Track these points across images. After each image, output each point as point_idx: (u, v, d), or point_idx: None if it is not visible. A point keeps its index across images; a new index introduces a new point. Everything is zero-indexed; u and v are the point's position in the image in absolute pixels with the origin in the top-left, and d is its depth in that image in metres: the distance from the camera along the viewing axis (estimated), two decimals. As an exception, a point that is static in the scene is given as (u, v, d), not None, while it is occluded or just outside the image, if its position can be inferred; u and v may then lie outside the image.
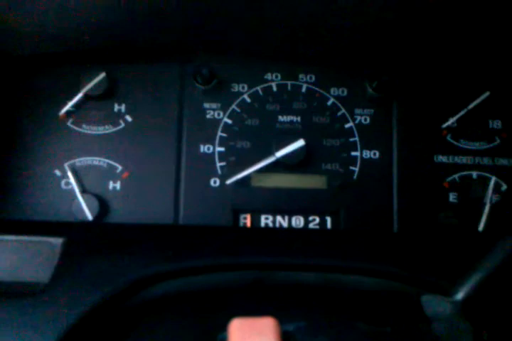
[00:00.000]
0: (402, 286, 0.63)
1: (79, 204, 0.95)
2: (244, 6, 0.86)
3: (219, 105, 1.03)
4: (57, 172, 0.99)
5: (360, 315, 0.59)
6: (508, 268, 0.52)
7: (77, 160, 1.00)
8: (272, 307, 0.60)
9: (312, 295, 0.64)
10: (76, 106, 1.01)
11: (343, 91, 1.04)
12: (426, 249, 0.71)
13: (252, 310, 0.50)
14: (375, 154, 1.02)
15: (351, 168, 1.01)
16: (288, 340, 0.49)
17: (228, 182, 0.98)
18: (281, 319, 0.49)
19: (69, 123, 1.01)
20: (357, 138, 1.02)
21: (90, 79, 1.00)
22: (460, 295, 0.51)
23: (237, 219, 0.98)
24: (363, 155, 1.01)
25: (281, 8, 0.86)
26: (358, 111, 1.03)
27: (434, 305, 0.52)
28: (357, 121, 1.02)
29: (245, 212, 0.99)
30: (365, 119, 1.03)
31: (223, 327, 0.50)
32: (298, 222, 0.99)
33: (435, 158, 1.01)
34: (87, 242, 0.70)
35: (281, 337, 0.46)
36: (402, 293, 0.63)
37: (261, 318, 0.47)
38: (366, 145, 1.02)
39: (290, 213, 0.99)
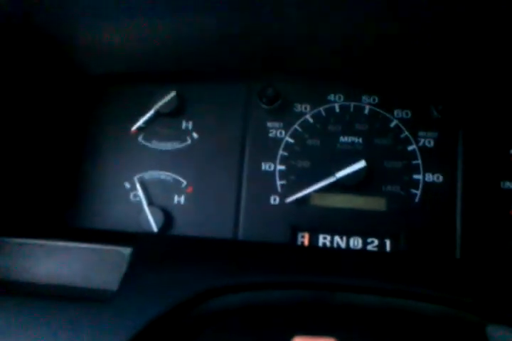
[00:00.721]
0: (466, 315, 0.61)
1: (145, 215, 1.00)
2: (307, 28, 0.89)
3: (281, 124, 1.05)
4: (127, 185, 1.05)
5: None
6: None
7: (145, 173, 1.05)
8: (332, 327, 0.60)
9: (374, 319, 0.63)
10: (147, 122, 1.07)
11: (407, 114, 1.03)
12: (491, 277, 0.69)
13: (312, 329, 0.51)
14: (438, 178, 1.00)
15: (413, 191, 1.00)
16: None
17: (288, 200, 1.00)
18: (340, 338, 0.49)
19: (140, 139, 1.07)
20: (420, 161, 1.01)
21: (161, 98, 1.06)
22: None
23: (295, 237, 0.99)
24: (426, 179, 1.00)
25: (345, 28, 0.88)
26: (421, 133, 1.02)
27: (501, 336, 0.51)
28: (420, 144, 1.01)
29: (303, 230, 1.00)
30: (429, 142, 1.01)
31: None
32: (356, 243, 0.99)
33: (502, 184, 0.98)
34: (154, 253, 0.73)
35: None
36: (465, 322, 0.61)
37: (322, 338, 0.48)
38: (429, 169, 1.00)
39: (348, 234, 0.99)
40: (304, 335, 0.49)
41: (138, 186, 1.04)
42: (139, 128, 1.07)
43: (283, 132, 1.05)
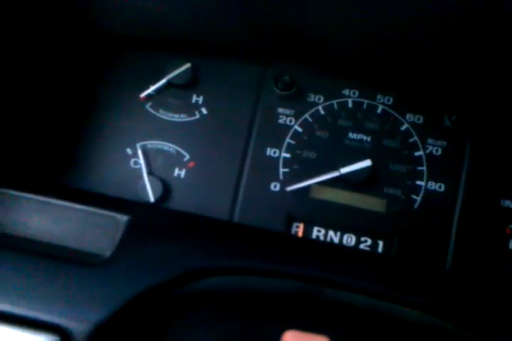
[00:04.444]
0: (452, 327, 0.62)
1: (144, 184, 0.98)
2: (333, 20, 0.87)
3: (292, 112, 1.04)
4: (129, 151, 1.03)
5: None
6: None
7: (148, 142, 1.03)
8: (322, 324, 0.60)
9: (362, 319, 0.64)
10: (157, 91, 1.05)
11: (419, 119, 1.03)
12: (478, 293, 0.70)
13: (302, 324, 0.51)
14: (440, 187, 1.00)
15: (413, 196, 1.00)
16: None
17: (289, 189, 0.99)
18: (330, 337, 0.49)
19: (147, 107, 1.05)
20: (425, 168, 1.01)
21: (175, 68, 1.03)
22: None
23: (289, 227, 0.99)
24: (428, 186, 1.00)
25: (371, 24, 0.87)
26: (430, 140, 1.02)
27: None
28: (428, 151, 1.01)
29: (299, 220, 1.00)
30: (437, 150, 1.01)
31: (267, 335, 0.51)
32: (349, 240, 0.99)
33: (502, 202, 0.99)
34: (151, 224, 0.72)
35: None
36: (452, 334, 0.62)
37: (315, 335, 0.48)
38: (433, 177, 1.00)
39: (343, 230, 0.99)
40: (296, 330, 0.49)
41: (139, 153, 1.02)
42: (149, 96, 1.05)
43: (293, 120, 1.04)
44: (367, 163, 0.98)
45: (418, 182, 1.01)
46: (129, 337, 0.62)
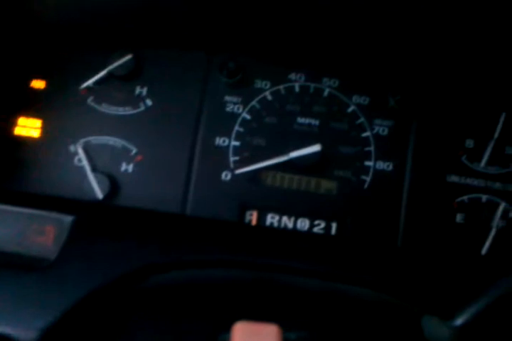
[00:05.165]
0: (404, 303, 0.63)
1: (90, 182, 0.95)
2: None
3: (240, 99, 1.03)
4: (72, 148, 0.99)
5: (360, 328, 0.59)
6: (510, 300, 0.52)
7: (92, 138, 1.00)
8: (275, 310, 0.60)
9: (314, 303, 0.64)
10: (98, 83, 1.01)
11: (364, 100, 1.04)
12: (428, 268, 0.72)
13: (254, 311, 0.51)
14: (388, 166, 1.02)
15: (363, 177, 1.01)
16: None
17: (237, 172, 0.98)
18: (282, 323, 0.50)
19: (89, 101, 1.01)
20: (372, 148, 1.02)
21: (117, 59, 1.00)
22: (460, 321, 0.52)
23: (243, 215, 0.99)
24: (376, 166, 1.01)
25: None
26: (377, 121, 1.03)
27: (434, 327, 0.53)
28: (375, 131, 1.02)
29: (252, 208, 0.99)
30: (383, 130, 1.03)
31: (224, 326, 0.51)
32: (303, 225, 1.00)
33: (447, 178, 1.01)
34: (97, 223, 0.70)
35: None
36: (404, 311, 0.64)
37: (265, 324, 0.48)
38: (381, 156, 1.02)
39: (296, 215, 1.00)
40: (245, 321, 0.49)
41: (80, 150, 0.98)
42: (89, 89, 1.01)
43: (240, 107, 1.03)
44: (316, 147, 0.98)
45: (367, 163, 1.02)
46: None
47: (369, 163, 1.02)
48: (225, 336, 0.51)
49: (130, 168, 0.99)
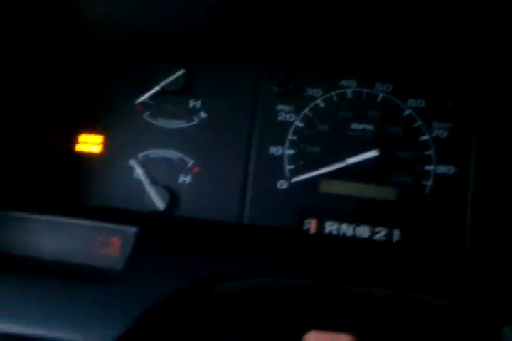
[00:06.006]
0: (480, 314, 0.60)
1: (150, 194, 0.97)
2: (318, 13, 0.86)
3: (292, 108, 1.03)
4: (131, 162, 1.02)
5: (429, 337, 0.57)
6: None
7: (150, 151, 1.02)
8: (345, 320, 0.59)
9: (385, 311, 0.62)
10: (153, 99, 1.04)
11: (421, 103, 1.01)
12: (499, 275, 0.68)
13: (324, 321, 0.50)
14: (450, 170, 0.98)
15: (423, 182, 0.98)
16: None
17: (293, 180, 0.98)
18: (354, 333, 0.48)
19: (145, 116, 1.04)
20: (432, 152, 0.99)
21: (169, 75, 1.03)
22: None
23: (301, 223, 0.98)
24: (437, 170, 0.98)
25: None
26: (435, 124, 1.00)
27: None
28: (434, 134, 0.99)
29: (311, 216, 0.98)
30: (443, 133, 0.99)
31: (295, 335, 0.50)
32: (363, 232, 0.97)
33: (514, 180, 0.97)
34: (161, 233, 0.71)
35: None
36: (481, 321, 0.60)
37: (338, 334, 0.46)
38: (442, 160, 0.98)
39: (356, 222, 0.98)
40: (318, 330, 0.48)
41: (138, 164, 1.01)
42: (145, 105, 1.04)
43: (293, 116, 1.02)
44: (373, 153, 0.96)
45: (427, 167, 0.98)
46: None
47: (429, 168, 0.98)
48: None
49: (188, 179, 1.01)
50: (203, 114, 1.04)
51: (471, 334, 0.59)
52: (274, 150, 1.01)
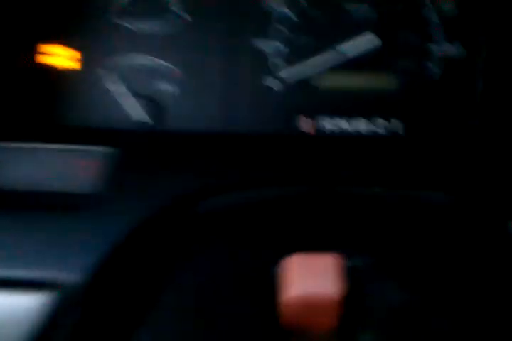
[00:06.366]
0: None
1: (132, 107, 0.90)
2: None
3: None
4: (106, 73, 0.93)
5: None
6: None
7: (126, 59, 0.93)
8: (338, 235, 0.56)
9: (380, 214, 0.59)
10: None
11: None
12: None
13: (313, 238, 0.48)
14: (457, 50, 0.87)
15: (428, 65, 0.88)
16: (354, 280, 0.44)
17: (284, 75, 0.89)
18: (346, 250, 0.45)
19: (119, 19, 0.93)
20: (437, 28, 0.87)
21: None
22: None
23: (296, 122, 0.91)
24: (444, 51, 0.87)
25: None
26: None
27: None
28: (438, 9, 0.87)
29: (306, 114, 0.91)
30: (448, 6, 0.87)
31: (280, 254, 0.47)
32: (365, 126, 0.91)
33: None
34: (141, 153, 0.68)
35: (347, 275, 0.42)
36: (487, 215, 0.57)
37: (324, 255, 0.44)
38: (448, 39, 0.87)
39: (356, 116, 0.90)
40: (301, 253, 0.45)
41: (115, 74, 0.92)
42: (116, 6, 0.92)
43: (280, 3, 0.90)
44: (368, 36, 0.85)
45: (431, 48, 0.88)
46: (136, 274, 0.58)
47: (434, 48, 0.88)
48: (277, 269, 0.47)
49: (170, 86, 0.92)
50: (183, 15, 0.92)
51: (476, 232, 0.56)
52: (260, 42, 0.91)
